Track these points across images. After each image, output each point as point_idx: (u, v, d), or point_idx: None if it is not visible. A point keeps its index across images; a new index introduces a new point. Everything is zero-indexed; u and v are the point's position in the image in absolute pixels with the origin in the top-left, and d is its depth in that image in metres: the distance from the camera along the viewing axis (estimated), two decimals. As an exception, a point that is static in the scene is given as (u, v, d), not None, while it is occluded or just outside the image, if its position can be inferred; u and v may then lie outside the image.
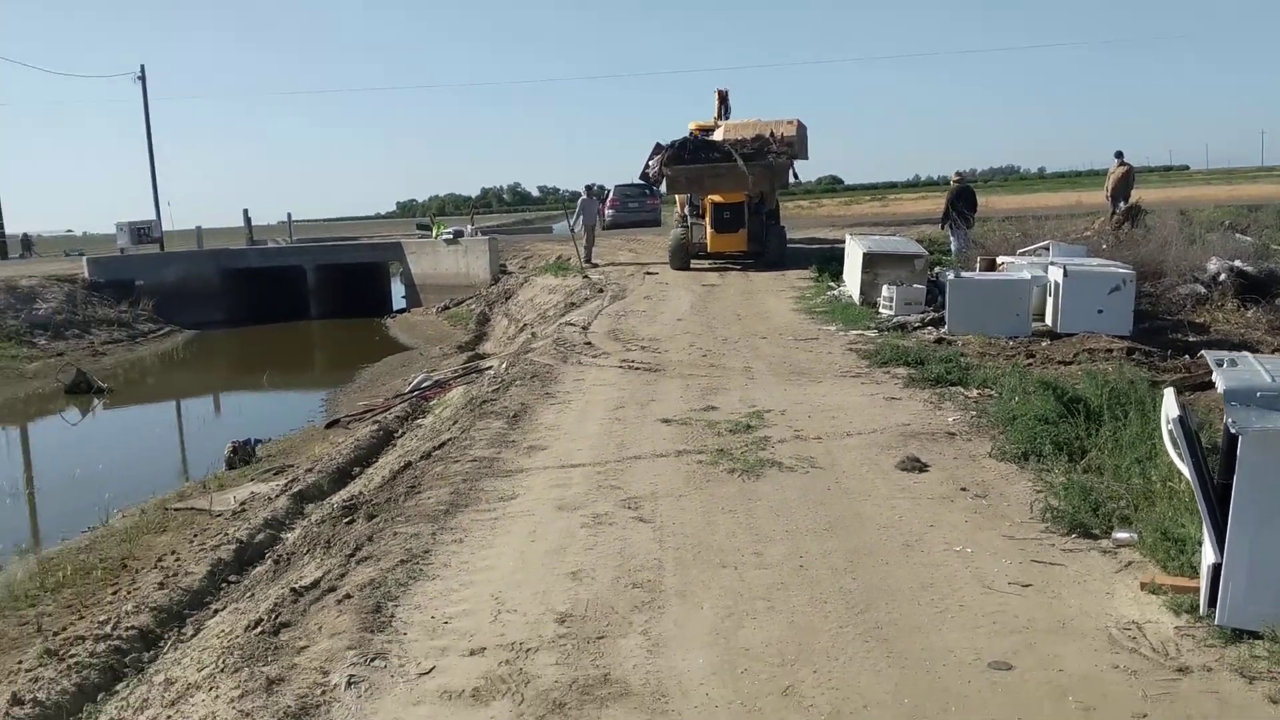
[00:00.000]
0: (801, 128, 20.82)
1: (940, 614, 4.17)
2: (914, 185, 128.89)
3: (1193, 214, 23.92)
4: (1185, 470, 4.11)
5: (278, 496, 8.71)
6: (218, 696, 3.79)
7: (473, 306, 24.31)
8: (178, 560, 7.44)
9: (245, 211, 36.76)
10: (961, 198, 18.94)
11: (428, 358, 18.78)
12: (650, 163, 20.75)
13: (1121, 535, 4.92)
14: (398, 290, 32.57)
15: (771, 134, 20.22)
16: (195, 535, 8.35)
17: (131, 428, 16.29)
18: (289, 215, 41.77)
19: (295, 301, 29.50)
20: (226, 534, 7.78)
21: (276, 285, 29.71)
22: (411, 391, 13.69)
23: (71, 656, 5.57)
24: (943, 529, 5.20)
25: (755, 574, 4.66)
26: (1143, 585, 4.41)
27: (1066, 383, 7.50)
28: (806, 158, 21.82)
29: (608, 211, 34.52)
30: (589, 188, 26.22)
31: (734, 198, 19.78)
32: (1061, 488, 5.51)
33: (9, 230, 46.36)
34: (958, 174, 21.33)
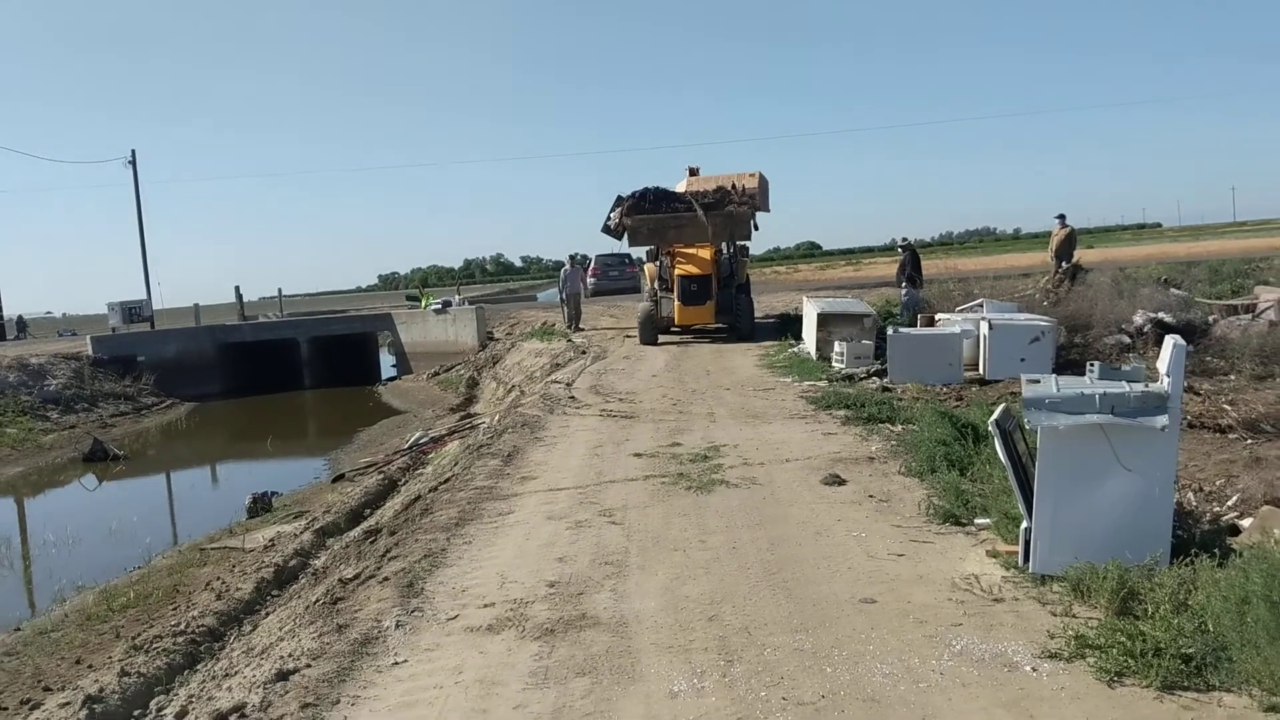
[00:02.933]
0: (763, 180, 21.09)
1: (831, 574, 5.61)
2: (890, 249, 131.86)
3: (1135, 271, 25.76)
4: (1002, 458, 5.59)
5: (302, 533, 10.06)
6: (299, 639, 5.19)
7: (462, 372, 25.78)
8: (224, 583, 8.78)
9: (237, 288, 38.40)
10: (909, 261, 20.67)
11: (422, 419, 20.18)
12: (611, 215, 20.58)
13: (981, 521, 6.39)
14: (386, 360, 34.06)
15: (733, 185, 20.37)
16: (234, 566, 9.68)
17: (152, 489, 17.60)
18: (279, 290, 43.38)
19: (289, 372, 30.95)
20: (263, 561, 9.13)
21: (271, 357, 31.15)
22: (410, 447, 15.09)
23: (155, 648, 6.90)
24: (847, 523, 6.66)
25: (698, 553, 6.10)
26: (987, 553, 5.87)
27: (961, 414, 9.01)
28: (768, 210, 21.72)
29: (590, 279, 36.20)
30: (572, 257, 27.56)
31: (702, 269, 19.53)
32: (942, 491, 6.98)
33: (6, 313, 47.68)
34: (903, 239, 22.90)
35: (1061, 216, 25.42)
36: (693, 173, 24.75)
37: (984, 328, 13.87)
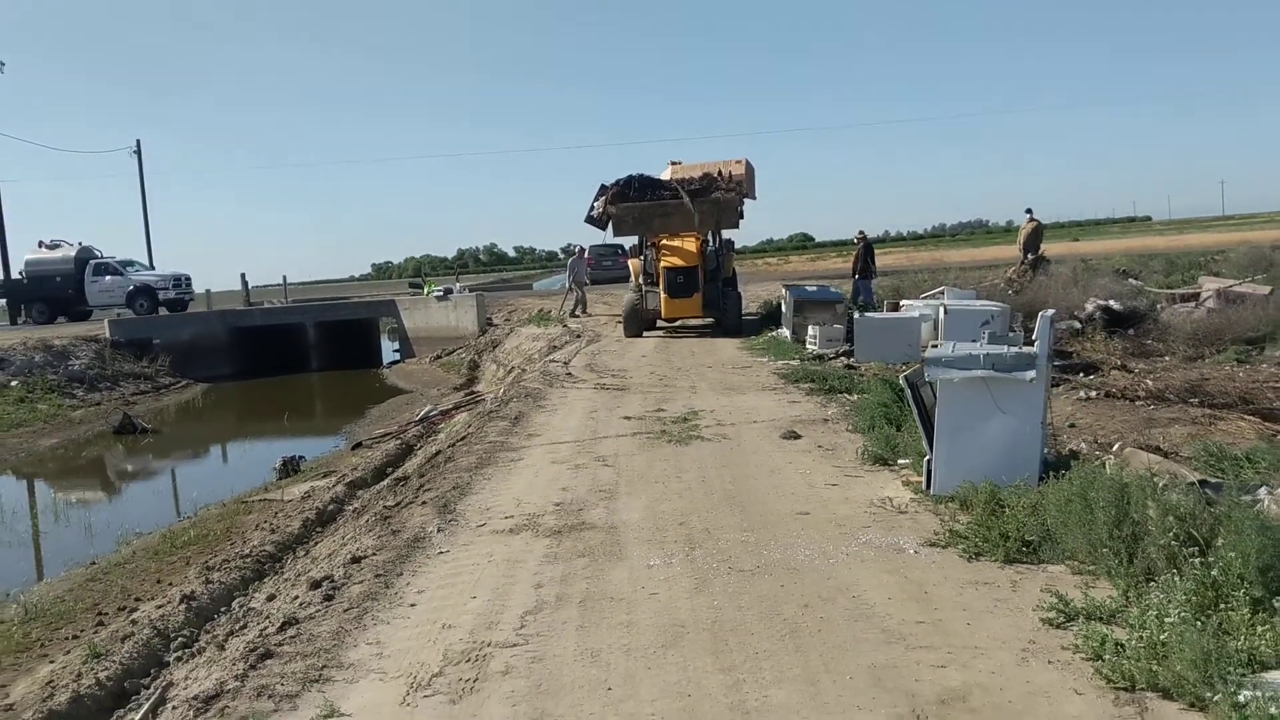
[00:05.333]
0: (750, 167, 20.82)
1: (778, 498, 7.11)
2: (881, 241, 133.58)
3: (1098, 263, 27.34)
4: (911, 405, 7.09)
5: (335, 485, 11.52)
6: (361, 541, 6.68)
7: (463, 355, 27.24)
8: (273, 524, 10.25)
9: (243, 275, 39.61)
10: (863, 253, 22.13)
11: (428, 397, 21.64)
12: (595, 204, 20.27)
13: (903, 461, 7.90)
14: (387, 345, 35.53)
15: (720, 173, 20.03)
16: (277, 513, 11.14)
17: (182, 458, 19.05)
18: (284, 278, 44.85)
19: (297, 356, 32.42)
20: (304, 507, 10.60)
21: (279, 341, 32.56)
22: (421, 419, 16.56)
23: (226, 567, 8.37)
24: (797, 465, 8.16)
25: (674, 485, 7.61)
26: (903, 483, 7.38)
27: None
28: (754, 197, 21.40)
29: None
30: (580, 248, 29.05)
31: (688, 260, 19.39)
32: (876, 440, 8.49)
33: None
34: (860, 233, 24.13)
35: (1029, 211, 26.97)
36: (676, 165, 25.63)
37: (940, 312, 15.39)
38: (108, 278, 35.46)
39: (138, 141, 49.70)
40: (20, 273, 36.97)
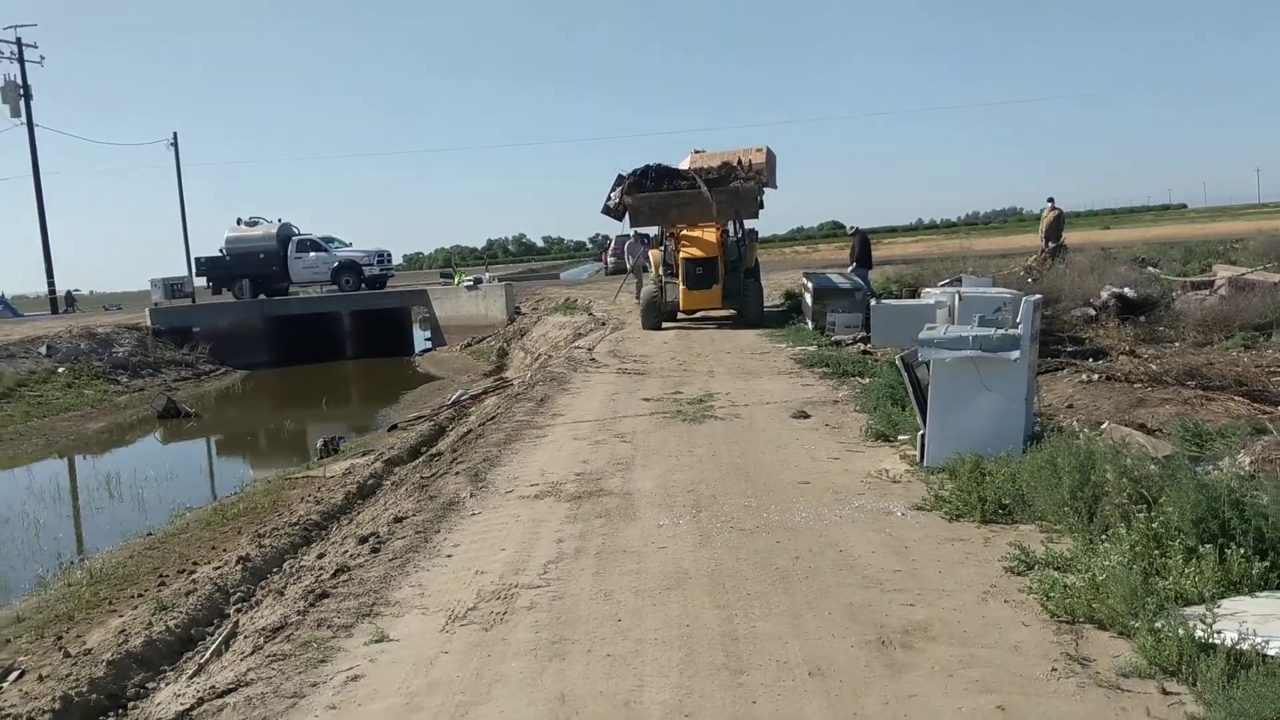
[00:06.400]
0: (771, 155, 20.27)
1: (782, 470, 7.72)
2: (913, 229, 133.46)
3: (1118, 251, 27.63)
4: (906, 383, 7.67)
5: (374, 463, 12.24)
6: (401, 505, 7.36)
7: (492, 343, 27.99)
8: (317, 497, 10.97)
9: (276, 266, 40.55)
10: (859, 245, 22.58)
11: (459, 383, 22.39)
12: (612, 194, 19.74)
13: (903, 437, 8.48)
14: (419, 333, 36.33)
15: (739, 161, 19.48)
16: (319, 488, 11.87)
17: (225, 440, 19.94)
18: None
19: (332, 344, 33.36)
20: (345, 482, 11.32)
21: (315, 329, 33.48)
22: (453, 403, 17.28)
23: (276, 533, 9.09)
24: (804, 441, 8.76)
25: (686, 459, 8.23)
26: (900, 457, 7.96)
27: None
28: (775, 186, 20.92)
29: (610, 258, 38.23)
30: (635, 234, 26.27)
31: (708, 251, 18.96)
32: (879, 419, 9.07)
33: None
34: (853, 227, 24.31)
35: (1051, 199, 27.31)
36: (698, 153, 25.05)
37: (955, 299, 15.89)
38: (311, 254, 35.68)
39: (174, 134, 50.89)
40: (221, 250, 36.67)
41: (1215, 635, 3.98)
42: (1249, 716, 3.50)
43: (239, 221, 36.86)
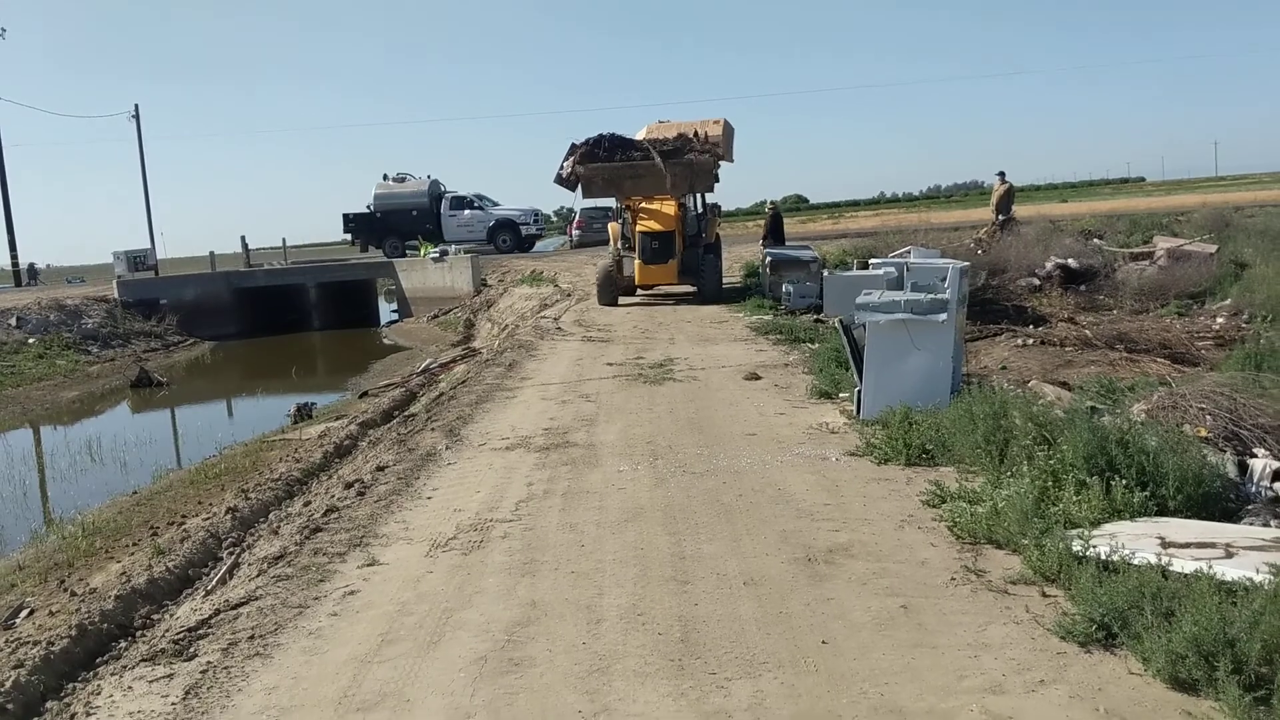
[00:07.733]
0: (728, 127, 20.14)
1: (732, 423, 8.42)
2: (875, 202, 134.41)
3: (1067, 224, 28.56)
4: (844, 344, 8.38)
5: (348, 425, 12.79)
6: (382, 458, 7.98)
7: (459, 314, 28.45)
8: (296, 456, 11.53)
9: (243, 238, 40.45)
10: (771, 222, 23.27)
11: (427, 352, 22.91)
12: (564, 164, 19.20)
13: (844, 395, 9.20)
14: (385, 305, 36.70)
15: (695, 134, 19.11)
16: (296, 449, 12.43)
17: (198, 408, 20.37)
18: (284, 240, 45.83)
19: (299, 315, 33.69)
20: (322, 443, 11.87)
21: (281, 301, 33.77)
22: (423, 370, 17.83)
23: (260, 488, 9.66)
24: (754, 399, 9.46)
25: (646, 415, 8.91)
26: (840, 412, 8.68)
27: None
28: (731, 159, 20.68)
29: (574, 232, 38.71)
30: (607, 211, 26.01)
31: (665, 225, 18.70)
32: (824, 379, 9.78)
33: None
34: (771, 203, 24.85)
35: (1002, 174, 28.16)
36: (657, 124, 21.90)
37: (905, 270, 16.64)
38: (466, 212, 35.70)
39: (135, 106, 50.60)
40: (369, 206, 36.59)
41: (1090, 549, 4.72)
42: (1106, 606, 4.24)
43: (385, 177, 36.67)
